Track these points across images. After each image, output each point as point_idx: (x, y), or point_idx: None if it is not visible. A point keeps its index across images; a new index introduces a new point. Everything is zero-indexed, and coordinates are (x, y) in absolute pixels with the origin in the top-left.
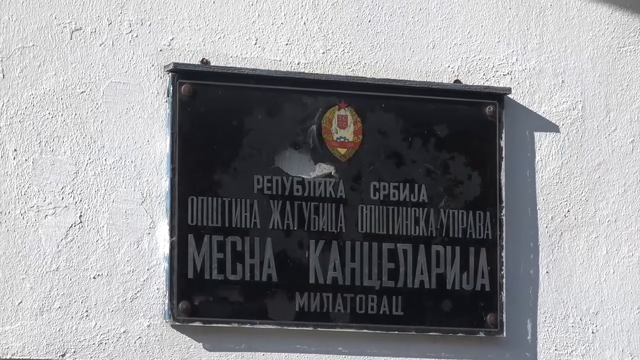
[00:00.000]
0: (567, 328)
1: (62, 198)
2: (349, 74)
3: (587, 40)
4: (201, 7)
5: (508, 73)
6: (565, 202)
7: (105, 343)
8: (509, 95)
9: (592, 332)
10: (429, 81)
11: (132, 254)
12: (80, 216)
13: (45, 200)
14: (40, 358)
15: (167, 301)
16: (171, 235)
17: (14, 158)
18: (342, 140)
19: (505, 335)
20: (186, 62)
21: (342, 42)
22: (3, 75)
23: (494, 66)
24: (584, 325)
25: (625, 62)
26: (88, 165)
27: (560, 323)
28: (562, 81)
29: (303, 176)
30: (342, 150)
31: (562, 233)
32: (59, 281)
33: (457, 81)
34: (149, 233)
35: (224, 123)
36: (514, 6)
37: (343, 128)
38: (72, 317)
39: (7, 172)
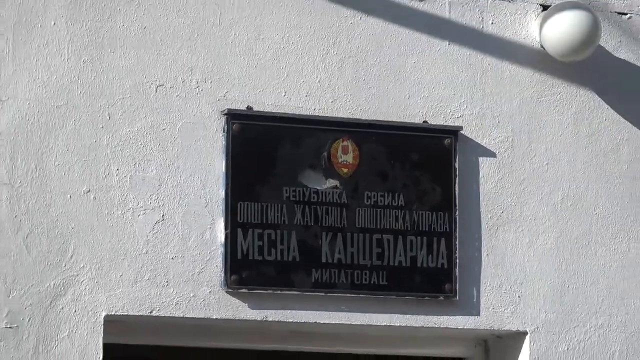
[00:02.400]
0: (501, 293)
1: (150, 203)
2: (350, 117)
3: (515, 93)
4: (246, 70)
5: (460, 116)
6: (500, 206)
7: (180, 304)
8: (461, 132)
9: (518, 297)
10: (405, 122)
11: (199, 242)
12: (163, 215)
13: (138, 205)
14: (135, 313)
15: (222, 274)
16: (225, 229)
17: (117, 175)
18: (344, 162)
19: (458, 298)
20: (236, 108)
21: (345, 94)
22: (109, 117)
23: (450, 111)
24: (512, 292)
25: (542, 108)
26: (168, 180)
27: (496, 290)
28: (498, 122)
29: (317, 187)
30: (345, 170)
31: (497, 227)
32: (147, 260)
33: (425, 122)
34: (210, 227)
35: (263, 151)
36: (463, 70)
37: (345, 154)
38: (157, 286)
39: (112, 185)
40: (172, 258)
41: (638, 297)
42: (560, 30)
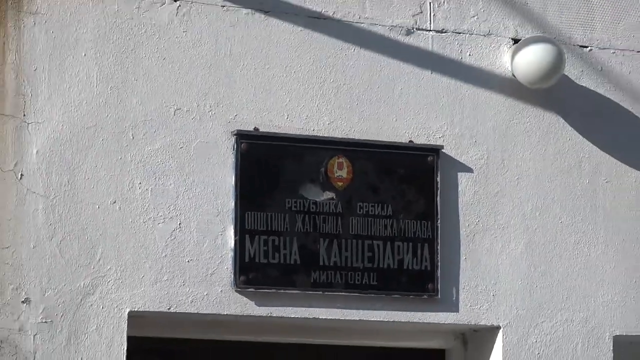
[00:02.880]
0: (477, 292)
1: (168, 212)
2: (344, 137)
3: (490, 116)
4: (254, 96)
5: (441, 136)
6: (476, 215)
7: (195, 301)
8: (442, 150)
9: (493, 295)
10: (393, 141)
11: (211, 246)
12: (179, 223)
13: (158, 214)
14: (155, 310)
15: (232, 275)
16: (235, 235)
17: (139, 188)
18: (339, 177)
19: (439, 297)
20: (244, 129)
21: (340, 117)
22: (133, 137)
23: (433, 132)
24: (487, 291)
25: (513, 130)
26: (185, 192)
27: (473, 289)
28: (475, 141)
29: (315, 199)
30: (340, 184)
31: (474, 235)
32: (166, 263)
33: (410, 141)
34: (221, 234)
35: (268, 167)
36: (444, 95)
37: (340, 169)
38: (174, 285)
39: (135, 197)
40: (188, 261)
41: (598, 296)
42: (529, 60)
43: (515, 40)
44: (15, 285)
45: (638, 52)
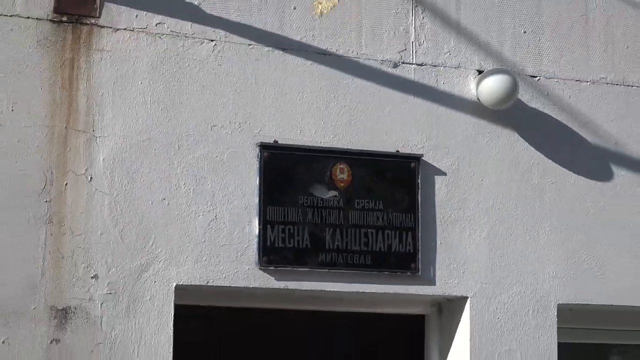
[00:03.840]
0: (450, 270)
1: (207, 207)
2: (345, 147)
3: (459, 131)
4: (274, 115)
5: (422, 147)
6: (449, 210)
7: (227, 277)
8: (422, 158)
9: (462, 272)
10: (383, 151)
11: (240, 234)
12: (215, 216)
13: (199, 208)
14: (196, 284)
15: (257, 257)
16: (259, 225)
17: (184, 188)
18: (341, 179)
19: (420, 273)
20: (266, 142)
21: (342, 132)
22: (179, 148)
23: (414, 144)
24: (458, 269)
25: (478, 142)
26: (219, 191)
27: (446, 268)
28: (448, 151)
29: (322, 196)
30: (342, 184)
31: (447, 225)
32: (205, 247)
33: (397, 151)
34: (248, 224)
35: (285, 171)
36: (424, 115)
37: (342, 173)
38: (211, 264)
39: (180, 195)
40: (222, 245)
41: (544, 272)
42: (491, 87)
43: (480, 72)
44: (86, 264)
45: (576, 81)
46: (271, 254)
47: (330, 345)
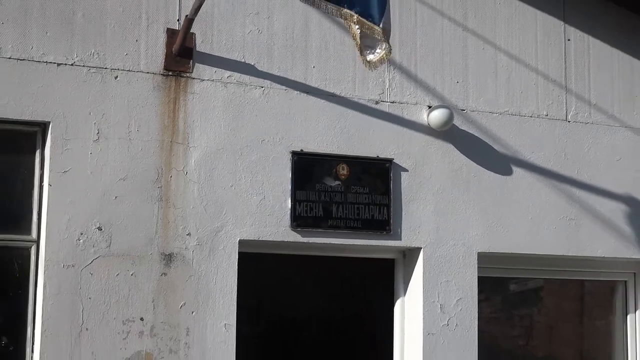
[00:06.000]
0: (410, 231)
1: (258, 191)
2: (345, 154)
3: (417, 144)
4: (300, 133)
5: (393, 154)
6: (410, 193)
7: (271, 234)
8: (394, 161)
9: (418, 232)
10: (369, 156)
11: (280, 208)
12: (264, 197)
13: (254, 192)
14: (252, 239)
15: (290, 222)
16: (291, 202)
17: (244, 178)
18: (342, 174)
19: (392, 232)
20: (296, 150)
21: (343, 144)
22: (241, 154)
23: (389, 151)
24: (415, 230)
25: (428, 151)
26: (267, 181)
27: (408, 229)
28: (409, 157)
29: (330, 185)
30: (342, 177)
31: (409, 203)
32: (257, 217)
33: (377, 156)
34: (284, 202)
35: (307, 169)
36: (395, 134)
37: (343, 170)
38: (261, 227)
39: (241, 183)
40: (268, 215)
41: (469, 232)
42: (436, 116)
43: (429, 107)
44: (183, 226)
45: (490, 112)
46: (298, 220)
47: (335, 274)
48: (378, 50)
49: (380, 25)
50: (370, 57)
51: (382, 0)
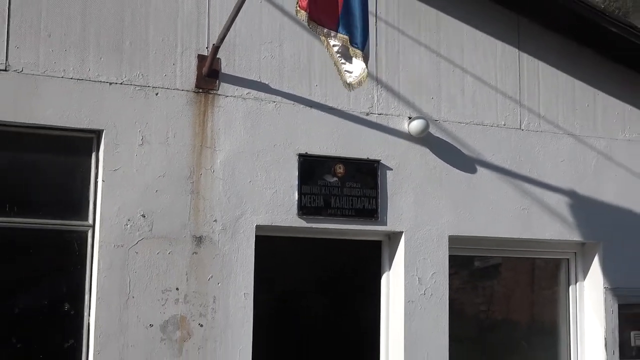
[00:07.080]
0: (394, 217)
1: (271, 185)
2: (341, 156)
3: (399, 147)
4: (305, 140)
5: (380, 156)
6: (394, 187)
7: (282, 220)
8: (380, 161)
9: (400, 219)
10: (361, 157)
11: (288, 199)
12: (276, 190)
13: (269, 186)
14: (267, 224)
15: (297, 211)
16: (297, 195)
17: (259, 175)
18: (339, 172)
19: (379, 219)
20: (302, 153)
21: (340, 147)
22: (257, 156)
23: (376, 154)
24: (399, 215)
25: (409, 153)
26: (278, 177)
27: (392, 216)
28: (393, 158)
29: (329, 181)
30: (339, 174)
31: (393, 195)
32: (271, 207)
33: (367, 158)
34: (292, 194)
35: (310, 168)
36: (382, 140)
37: (340, 169)
38: (274, 214)
39: (258, 179)
40: (279, 205)
41: (442, 219)
42: (415, 125)
43: (410, 117)
44: (210, 214)
45: (458, 122)
46: (304, 210)
47: (333, 253)
48: (356, 75)
49: (363, 51)
50: (350, 80)
51: (365, 31)
